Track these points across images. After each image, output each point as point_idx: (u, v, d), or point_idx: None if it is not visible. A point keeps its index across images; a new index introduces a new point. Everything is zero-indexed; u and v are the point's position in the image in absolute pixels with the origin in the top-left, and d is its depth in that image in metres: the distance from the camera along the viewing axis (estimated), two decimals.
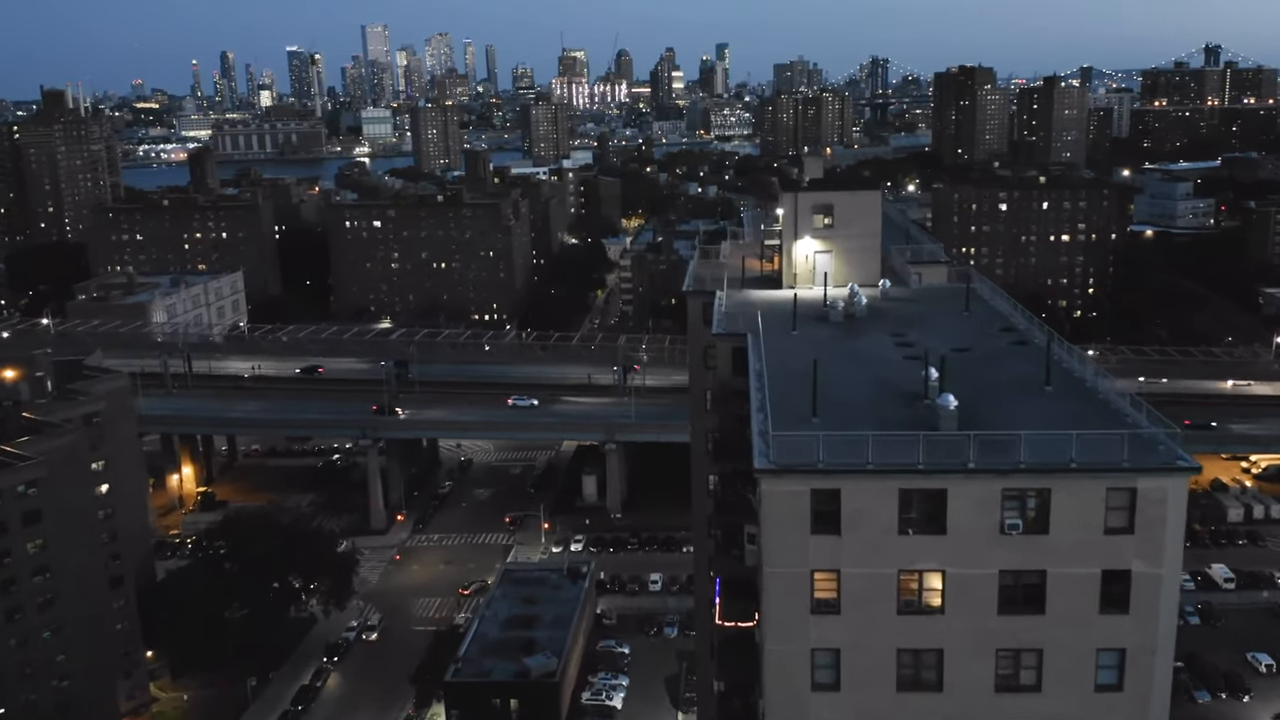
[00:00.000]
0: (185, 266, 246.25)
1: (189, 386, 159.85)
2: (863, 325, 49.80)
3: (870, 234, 55.80)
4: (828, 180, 66.57)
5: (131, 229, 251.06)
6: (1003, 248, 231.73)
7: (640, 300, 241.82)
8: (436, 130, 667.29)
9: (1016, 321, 49.98)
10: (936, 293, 56.69)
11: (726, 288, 53.83)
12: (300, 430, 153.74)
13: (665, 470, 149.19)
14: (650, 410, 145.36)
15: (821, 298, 52.72)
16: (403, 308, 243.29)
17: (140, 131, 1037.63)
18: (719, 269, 61.31)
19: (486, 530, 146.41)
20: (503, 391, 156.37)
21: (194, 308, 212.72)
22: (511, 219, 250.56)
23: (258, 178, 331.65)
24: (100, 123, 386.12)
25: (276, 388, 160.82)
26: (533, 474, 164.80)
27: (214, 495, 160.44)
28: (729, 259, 64.05)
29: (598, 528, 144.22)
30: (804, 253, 56.64)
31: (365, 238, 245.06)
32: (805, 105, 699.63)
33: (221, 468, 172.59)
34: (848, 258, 56.01)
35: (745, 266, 60.05)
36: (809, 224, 55.66)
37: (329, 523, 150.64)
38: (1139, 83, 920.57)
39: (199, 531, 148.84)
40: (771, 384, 38.87)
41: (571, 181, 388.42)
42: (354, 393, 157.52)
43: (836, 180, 66.00)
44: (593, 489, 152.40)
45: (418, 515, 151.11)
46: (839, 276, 55.20)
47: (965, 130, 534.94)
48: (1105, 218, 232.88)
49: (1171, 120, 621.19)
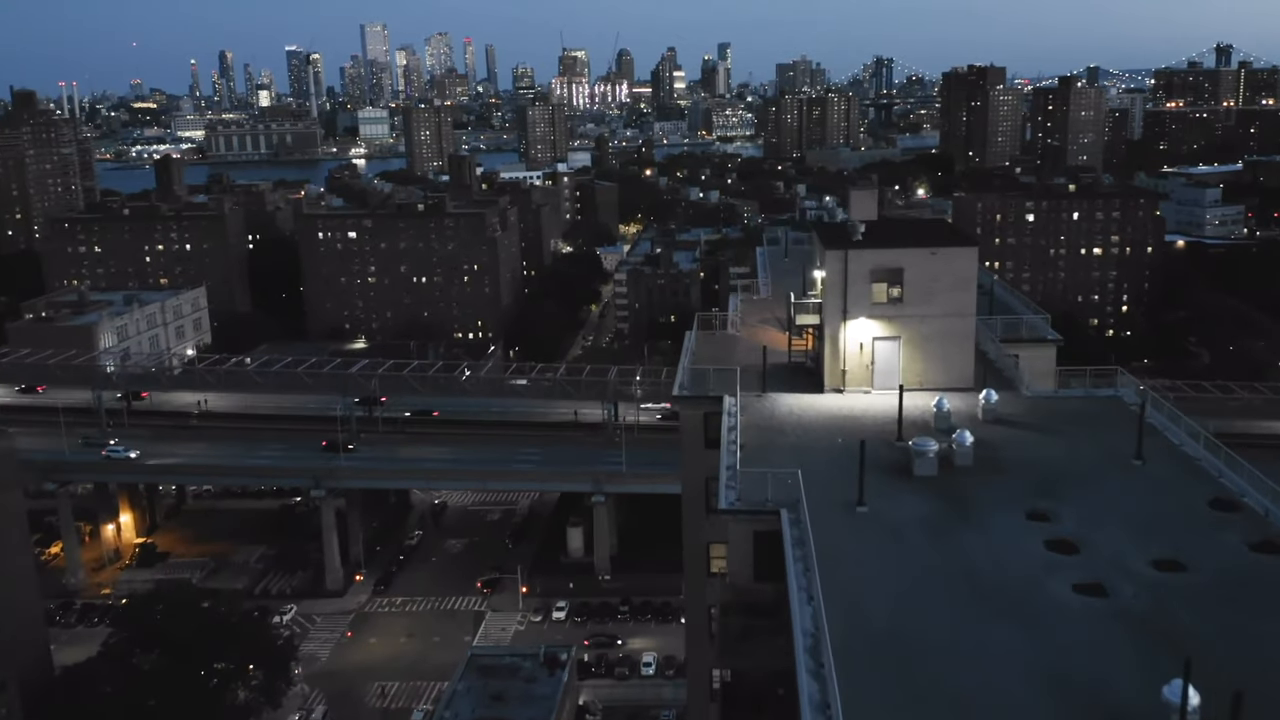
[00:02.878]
0: (147, 281, 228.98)
1: (125, 425, 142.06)
2: (972, 492, 31.77)
3: (960, 312, 38.24)
4: (889, 226, 47.52)
5: (90, 240, 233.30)
6: (1029, 261, 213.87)
7: (636, 317, 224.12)
8: (430, 131, 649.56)
9: (1226, 485, 31.77)
10: (1070, 410, 38.64)
11: (740, 390, 36.08)
12: (246, 479, 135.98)
13: (659, 521, 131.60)
14: (644, 456, 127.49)
15: (893, 425, 34.82)
16: (380, 326, 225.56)
17: (135, 132, 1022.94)
18: (727, 346, 43.62)
19: (457, 592, 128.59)
20: (478, 431, 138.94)
21: (149, 328, 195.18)
22: (498, 229, 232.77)
23: (230, 184, 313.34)
24: (73, 125, 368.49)
25: (225, 427, 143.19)
26: (513, 521, 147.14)
27: (155, 547, 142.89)
28: (739, 328, 46.20)
29: (583, 591, 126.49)
30: (858, 339, 39.35)
31: (339, 250, 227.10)
32: (810, 106, 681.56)
33: (168, 512, 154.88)
34: (925, 349, 38.59)
35: (765, 344, 42.23)
36: (866, 297, 38.43)
37: (279, 583, 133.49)
38: (1145, 83, 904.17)
39: (133, 592, 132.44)
40: (843, 678, 20.93)
41: (567, 186, 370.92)
42: (312, 432, 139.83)
43: (905, 229, 46.42)
44: (579, 543, 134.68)
45: (380, 573, 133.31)
46: (912, 376, 37.91)
47: (976, 132, 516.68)
48: (1140, 229, 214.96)
49: (1189, 122, 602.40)
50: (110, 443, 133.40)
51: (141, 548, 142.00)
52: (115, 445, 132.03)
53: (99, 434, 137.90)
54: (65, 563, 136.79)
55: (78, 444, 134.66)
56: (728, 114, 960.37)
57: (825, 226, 43.26)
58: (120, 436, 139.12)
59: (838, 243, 39.61)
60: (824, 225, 43.81)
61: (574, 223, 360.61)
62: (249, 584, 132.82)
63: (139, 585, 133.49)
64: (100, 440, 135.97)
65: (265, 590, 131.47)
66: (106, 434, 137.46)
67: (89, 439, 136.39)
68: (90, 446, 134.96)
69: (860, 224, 39.90)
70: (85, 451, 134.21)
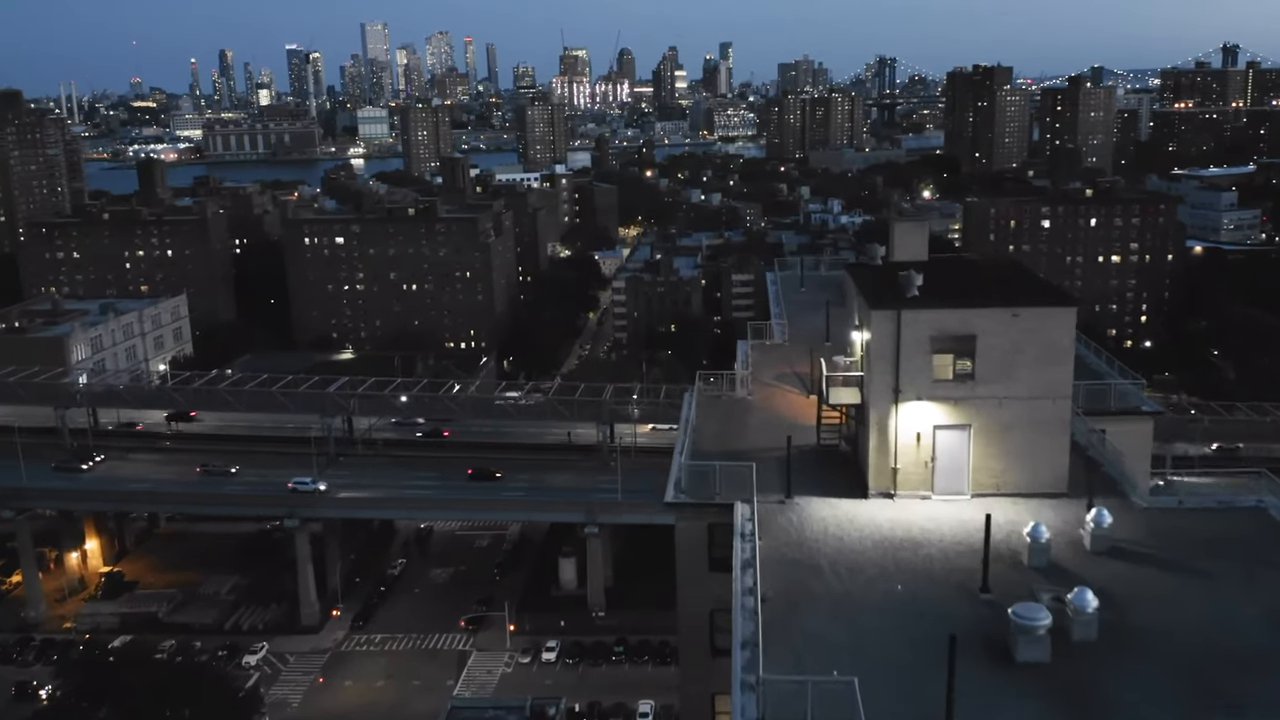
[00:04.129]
0: (127, 288, 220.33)
1: (91, 446, 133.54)
2: (1108, 691, 21.96)
3: (1051, 392, 29.58)
4: (952, 273, 35.77)
5: (68, 245, 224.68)
6: (1045, 270, 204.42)
7: (635, 326, 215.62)
8: (427, 131, 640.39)
9: None
10: (1206, 532, 28.93)
11: (756, 498, 27.34)
12: (215, 508, 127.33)
13: (658, 550, 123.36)
14: (640, 483, 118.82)
15: (967, 557, 25.73)
16: (369, 335, 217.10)
17: (133, 131, 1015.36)
18: (736, 418, 34.76)
19: (441, 629, 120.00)
20: (464, 454, 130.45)
21: (126, 339, 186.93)
22: (491, 234, 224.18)
23: (217, 186, 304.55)
24: (61, 125, 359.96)
25: (197, 448, 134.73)
26: (502, 548, 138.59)
27: (122, 576, 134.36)
28: (751, 388, 37.37)
29: (576, 628, 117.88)
30: (914, 428, 30.64)
31: (327, 256, 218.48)
32: (813, 106, 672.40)
33: (138, 536, 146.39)
34: (1004, 442, 29.88)
35: (787, 419, 33.51)
36: (925, 372, 29.72)
37: (251, 617, 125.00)
38: (1150, 84, 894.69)
39: (96, 627, 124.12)
40: None
41: (565, 188, 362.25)
42: (289, 455, 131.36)
43: (972, 277, 36.10)
44: (571, 574, 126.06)
45: (360, 607, 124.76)
46: (986, 477, 29.25)
47: (983, 133, 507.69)
48: (1160, 235, 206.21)
49: (1198, 123, 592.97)
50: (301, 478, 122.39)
51: (108, 577, 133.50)
52: (302, 479, 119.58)
53: (70, 456, 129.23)
54: (25, 594, 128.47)
55: (50, 467, 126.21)
56: (729, 114, 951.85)
57: (864, 272, 34.95)
58: (84, 458, 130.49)
59: (886, 299, 30.28)
60: (862, 270, 34.36)
61: (572, 226, 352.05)
62: (218, 618, 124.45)
63: (103, 619, 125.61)
64: (71, 463, 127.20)
65: (236, 625, 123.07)
66: (73, 455, 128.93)
67: (63, 463, 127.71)
68: (62, 471, 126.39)
69: (915, 273, 30.76)
70: (57, 476, 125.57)
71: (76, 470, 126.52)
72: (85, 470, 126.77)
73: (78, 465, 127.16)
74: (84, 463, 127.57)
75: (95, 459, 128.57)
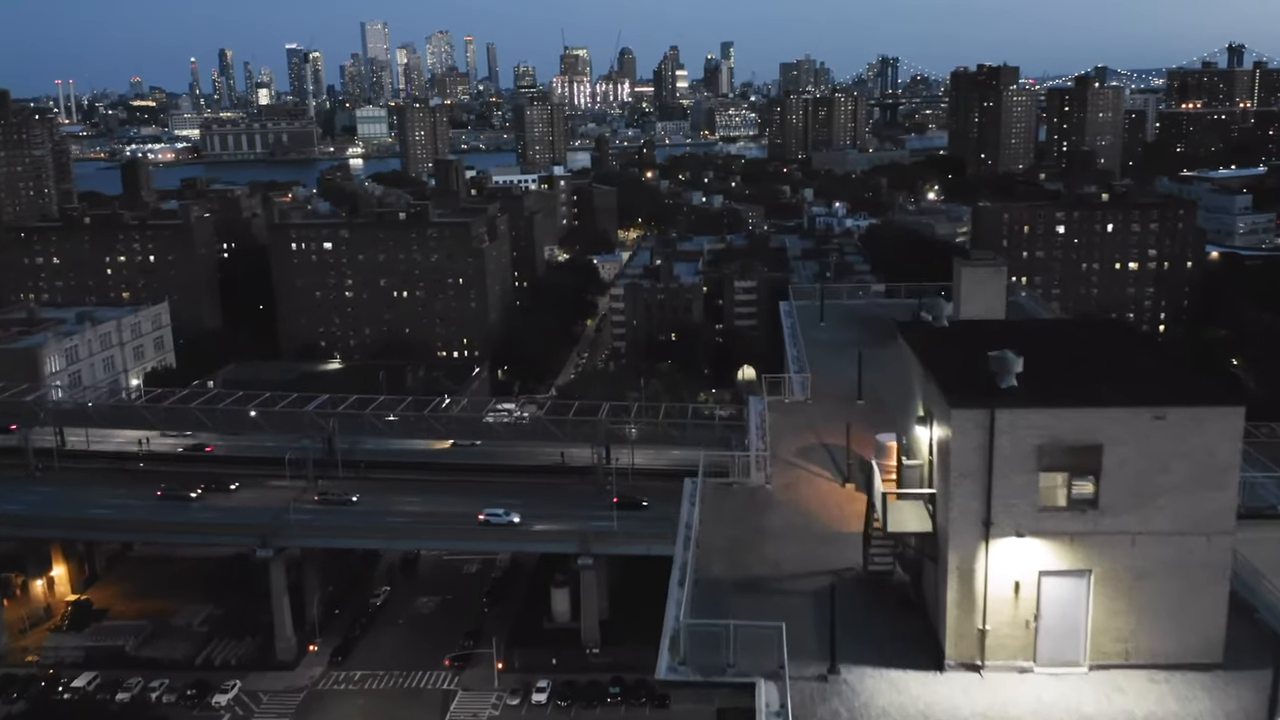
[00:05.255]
0: (108, 295, 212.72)
1: (55, 468, 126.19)
2: None
3: (1210, 525, 21.49)
4: (1044, 339, 26.45)
5: (47, 250, 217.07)
6: (1060, 277, 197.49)
7: (634, 335, 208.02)
8: (425, 132, 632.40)
9: None
10: None
11: (788, 671, 19.24)
12: (183, 536, 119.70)
13: (657, 580, 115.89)
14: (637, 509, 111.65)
15: None
16: (358, 343, 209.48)
17: (131, 130, 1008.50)
18: (749, 522, 26.09)
19: (425, 665, 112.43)
20: (449, 476, 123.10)
21: (103, 349, 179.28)
22: (486, 239, 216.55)
23: (205, 188, 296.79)
24: (47, 125, 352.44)
25: (169, 471, 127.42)
26: (491, 575, 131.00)
27: (90, 604, 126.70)
28: (769, 470, 29.21)
29: (569, 666, 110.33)
30: (1011, 574, 22.31)
31: (314, 262, 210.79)
32: (816, 106, 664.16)
33: (110, 560, 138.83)
34: (1138, 593, 21.88)
35: (814, 514, 25.38)
36: (1028, 496, 21.54)
37: (224, 651, 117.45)
38: (1153, 83, 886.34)
39: (60, 661, 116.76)
40: None
41: (564, 190, 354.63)
42: (266, 478, 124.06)
43: (1087, 352, 25.48)
44: (564, 605, 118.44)
45: (339, 640, 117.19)
46: (1111, 642, 21.55)
47: (988, 134, 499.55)
48: (1179, 241, 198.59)
49: (1206, 124, 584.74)
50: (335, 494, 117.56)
51: (75, 605, 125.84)
52: (494, 510, 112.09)
53: (177, 485, 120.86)
54: None
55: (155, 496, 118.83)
56: (731, 114, 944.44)
57: (930, 340, 26.27)
58: (47, 482, 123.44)
59: (970, 390, 21.73)
60: (926, 336, 27.13)
61: (571, 228, 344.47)
62: (189, 652, 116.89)
63: (67, 652, 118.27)
64: (179, 492, 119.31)
65: (208, 660, 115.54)
66: (180, 484, 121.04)
67: (170, 491, 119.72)
68: (170, 500, 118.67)
69: (1012, 355, 22.00)
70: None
71: (185, 500, 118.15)
72: (194, 499, 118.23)
73: (186, 495, 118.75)
74: (191, 492, 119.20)
75: (200, 489, 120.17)
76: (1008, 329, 25.72)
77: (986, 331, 24.94)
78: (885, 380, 36.68)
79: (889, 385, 36.68)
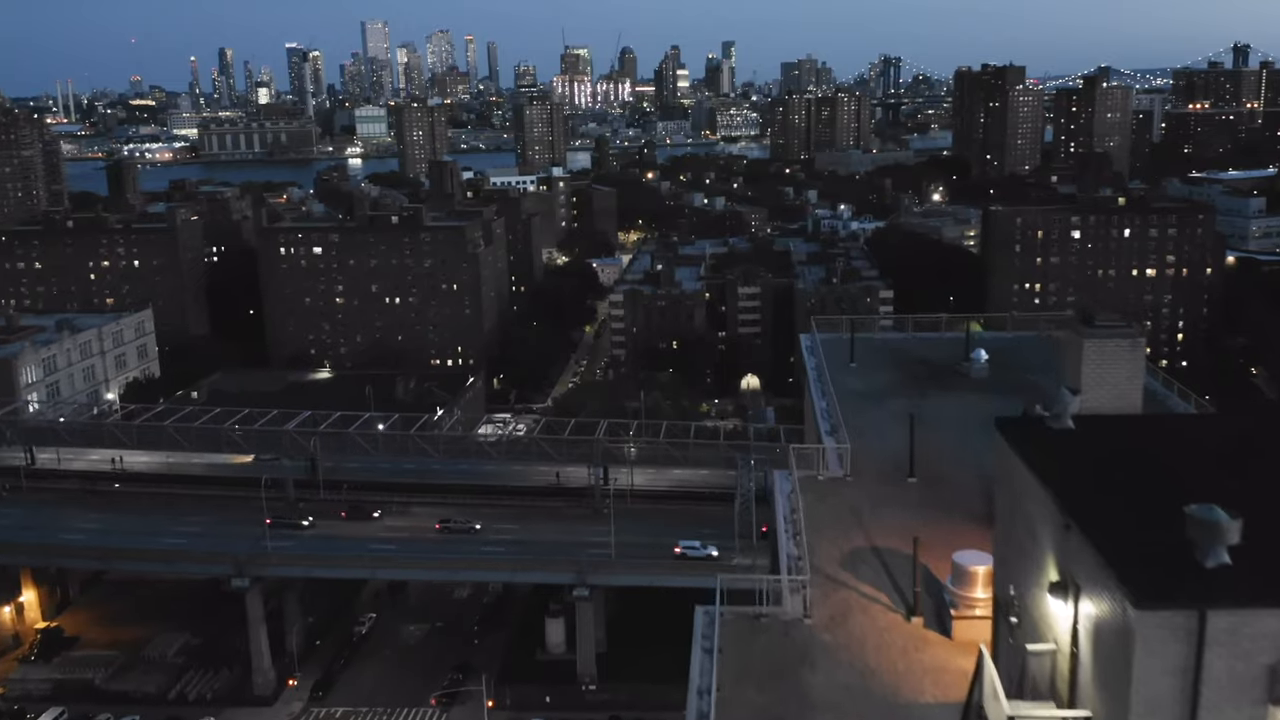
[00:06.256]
0: (92, 301, 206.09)
1: (23, 488, 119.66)
2: None
3: None
4: (1221, 452, 17.21)
5: (28, 255, 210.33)
6: (1074, 284, 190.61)
7: (634, 343, 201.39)
8: (423, 131, 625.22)
9: None
10: None
11: None
12: (153, 565, 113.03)
13: (657, 610, 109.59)
14: (636, 535, 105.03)
15: None
16: (349, 351, 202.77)
17: (130, 130, 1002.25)
18: (789, 687, 17.80)
19: (411, 701, 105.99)
20: (440, 500, 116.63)
21: (83, 359, 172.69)
22: (481, 244, 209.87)
23: (193, 190, 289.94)
24: (37, 125, 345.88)
25: (142, 491, 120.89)
26: (483, 601, 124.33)
27: (62, 632, 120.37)
28: (810, 606, 21.21)
29: (563, 703, 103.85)
30: None
31: (304, 267, 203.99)
32: (819, 106, 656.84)
33: (85, 584, 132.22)
34: None
35: (872, 668, 17.52)
36: None
37: (199, 684, 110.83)
38: (1155, 83, 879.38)
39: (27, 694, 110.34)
40: None
41: (563, 192, 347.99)
42: (244, 500, 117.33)
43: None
44: (559, 636, 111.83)
45: (321, 673, 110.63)
46: None
47: (994, 135, 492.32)
48: (1198, 247, 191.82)
49: (1214, 124, 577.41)
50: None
51: (44, 634, 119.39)
52: (690, 543, 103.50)
53: (289, 511, 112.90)
54: None
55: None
56: (732, 113, 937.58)
57: (1056, 453, 17.66)
58: (14, 503, 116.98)
59: (1157, 573, 14.01)
60: (1047, 446, 17.77)
61: (570, 231, 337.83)
62: (162, 685, 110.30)
63: (34, 685, 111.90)
64: (291, 519, 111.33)
65: (181, 694, 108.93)
66: (292, 510, 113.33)
67: (280, 519, 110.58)
68: (280, 529, 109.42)
69: (1223, 515, 13.95)
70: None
71: (298, 528, 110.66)
72: (306, 528, 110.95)
73: (299, 523, 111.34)
74: (304, 520, 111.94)
75: (310, 519, 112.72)
76: (1176, 439, 18.31)
77: (1146, 447, 17.49)
78: (940, 443, 29.92)
79: (946, 452, 29.96)
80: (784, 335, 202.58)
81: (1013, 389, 33.25)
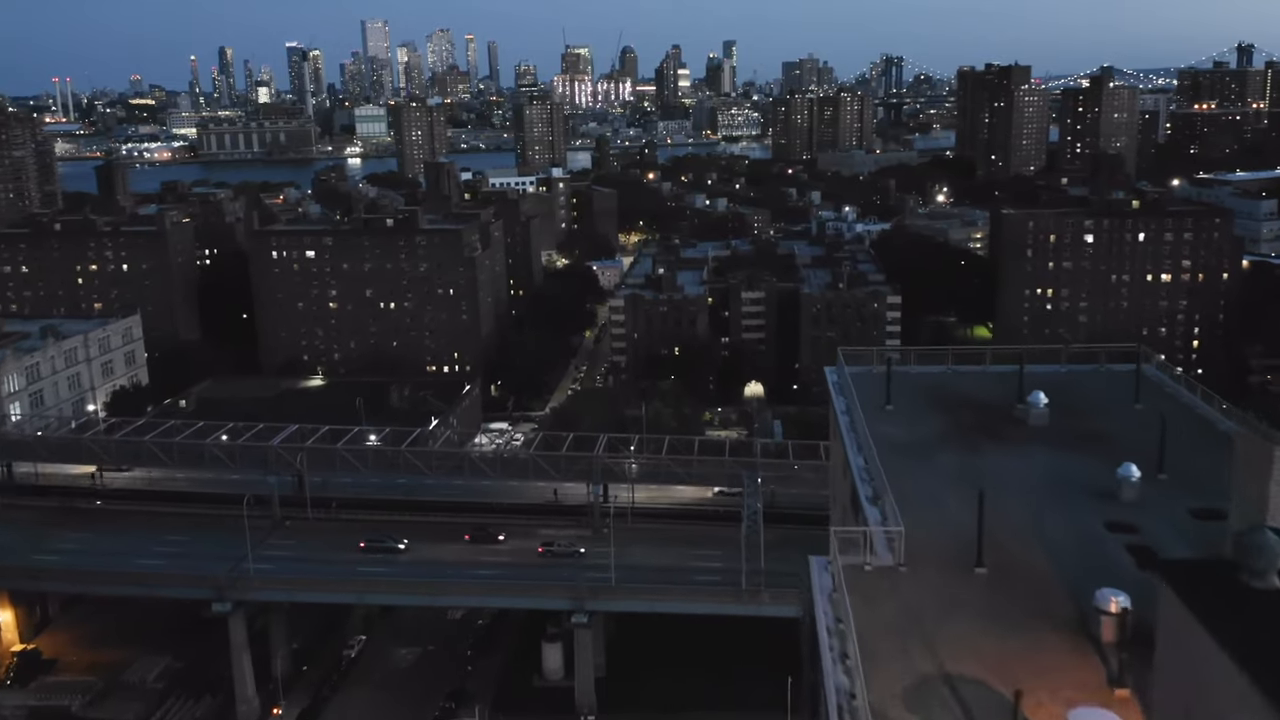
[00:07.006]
0: (80, 306, 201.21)
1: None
2: None
3: None
4: None
5: (15, 259, 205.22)
6: (1087, 289, 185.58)
7: (635, 349, 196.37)
8: (422, 131, 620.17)
9: None
10: None
11: None
12: (130, 588, 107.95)
13: (659, 635, 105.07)
14: (638, 557, 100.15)
15: None
16: (343, 358, 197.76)
17: (129, 129, 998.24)
18: None
19: None
20: (426, 515, 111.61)
21: (68, 366, 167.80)
22: (478, 247, 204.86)
23: (185, 191, 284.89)
24: (30, 124, 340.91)
25: (123, 509, 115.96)
26: (477, 623, 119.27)
27: (39, 654, 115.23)
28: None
29: None
30: None
31: (297, 271, 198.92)
32: (821, 105, 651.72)
33: (65, 604, 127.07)
34: None
35: None
36: None
37: (180, 711, 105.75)
38: (1159, 83, 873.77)
39: None
40: None
41: (562, 193, 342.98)
42: (230, 518, 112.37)
43: None
44: (557, 662, 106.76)
45: (308, 701, 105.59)
46: None
47: (999, 135, 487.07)
48: (1214, 251, 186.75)
49: (1220, 125, 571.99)
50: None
51: (20, 657, 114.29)
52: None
53: (381, 536, 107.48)
54: None
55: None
56: (733, 113, 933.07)
57: (1259, 629, 11.76)
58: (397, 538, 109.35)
59: None
60: (1245, 615, 11.85)
61: (570, 232, 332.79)
62: (141, 713, 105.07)
63: (9, 712, 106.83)
64: (385, 543, 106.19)
65: None
66: (384, 534, 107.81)
67: (374, 542, 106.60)
68: (375, 551, 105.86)
69: None
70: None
71: (394, 551, 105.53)
72: (402, 551, 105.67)
73: (394, 547, 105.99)
74: (399, 542, 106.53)
75: (405, 541, 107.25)
76: None
77: None
78: (1004, 515, 24.70)
79: (1013, 528, 24.86)
80: (789, 341, 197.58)
81: (1082, 440, 28.30)
